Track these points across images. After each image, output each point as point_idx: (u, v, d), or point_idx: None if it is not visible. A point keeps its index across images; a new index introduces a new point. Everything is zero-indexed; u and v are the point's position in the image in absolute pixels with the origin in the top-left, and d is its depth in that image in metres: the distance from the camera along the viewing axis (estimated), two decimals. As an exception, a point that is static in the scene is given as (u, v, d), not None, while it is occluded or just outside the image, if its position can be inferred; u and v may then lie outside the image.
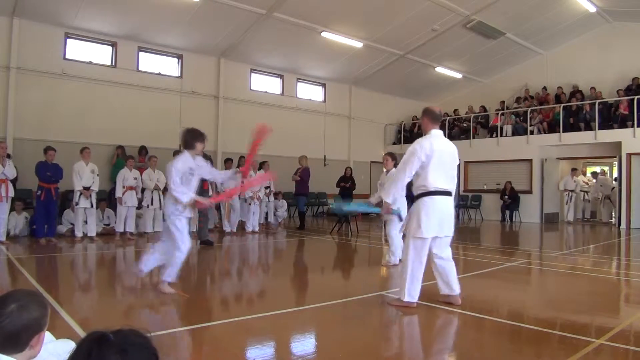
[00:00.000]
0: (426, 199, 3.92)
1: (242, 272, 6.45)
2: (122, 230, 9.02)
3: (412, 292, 3.93)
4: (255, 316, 3.95)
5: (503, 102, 16.36)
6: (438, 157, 3.92)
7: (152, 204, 9.36)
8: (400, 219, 6.83)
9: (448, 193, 4.01)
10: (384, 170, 6.98)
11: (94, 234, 8.66)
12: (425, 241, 3.93)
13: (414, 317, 4.15)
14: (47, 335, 1.58)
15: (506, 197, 14.61)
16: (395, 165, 7.03)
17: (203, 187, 7.29)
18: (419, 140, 4.02)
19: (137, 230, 9.56)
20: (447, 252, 4.14)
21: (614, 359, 3.09)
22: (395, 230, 6.38)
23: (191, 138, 4.63)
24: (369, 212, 6.86)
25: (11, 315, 1.33)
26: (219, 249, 8.44)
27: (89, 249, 7.85)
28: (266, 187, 11.28)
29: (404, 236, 4.45)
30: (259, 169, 11.16)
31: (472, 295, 4.83)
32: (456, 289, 4.11)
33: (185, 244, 4.46)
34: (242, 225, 10.71)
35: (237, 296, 4.90)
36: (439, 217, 3.93)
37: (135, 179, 9.14)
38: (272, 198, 11.57)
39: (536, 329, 3.57)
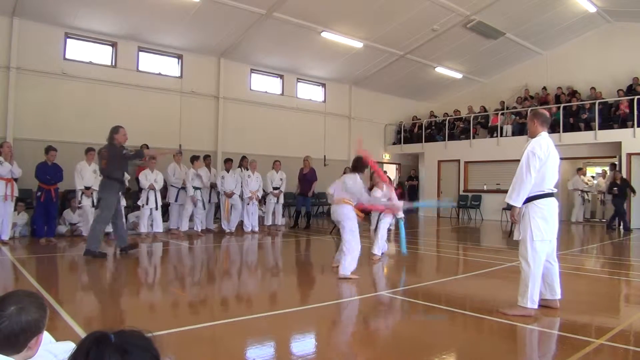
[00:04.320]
0: (543, 201, 3.91)
1: (242, 272, 6.45)
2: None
3: (534, 298, 3.84)
4: (255, 316, 3.95)
5: (503, 102, 16.36)
6: (552, 158, 3.96)
7: (147, 203, 9.30)
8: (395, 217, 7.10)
9: (554, 194, 4.03)
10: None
11: (86, 233, 8.64)
12: (546, 244, 3.91)
13: (413, 317, 4.15)
14: (46, 336, 1.57)
15: (615, 189, 11.91)
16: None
17: None
18: (534, 141, 3.99)
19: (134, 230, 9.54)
20: (554, 254, 4.10)
21: (614, 359, 3.09)
22: (386, 226, 7.27)
23: (362, 164, 5.86)
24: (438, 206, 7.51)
25: (10, 317, 1.33)
26: (218, 248, 8.44)
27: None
28: (275, 188, 11.22)
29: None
30: (272, 168, 11.41)
31: (472, 295, 4.84)
32: (559, 292, 4.07)
33: (358, 244, 5.57)
34: (240, 225, 10.70)
35: (237, 296, 4.90)
36: (555, 219, 3.95)
37: (128, 179, 9.10)
38: (282, 199, 11.49)
39: (536, 329, 3.58)
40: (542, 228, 3.85)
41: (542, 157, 3.87)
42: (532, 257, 3.84)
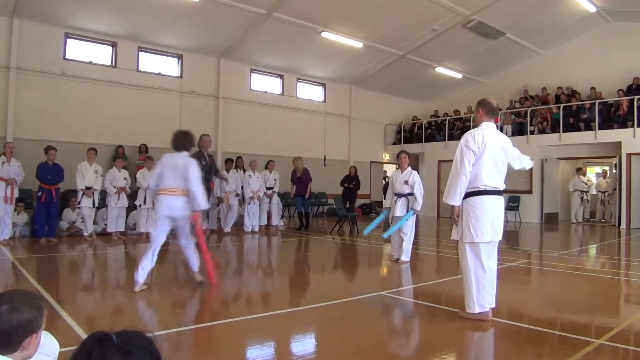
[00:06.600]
0: (476, 199, 3.61)
1: (242, 272, 6.45)
2: (113, 230, 8.95)
3: (481, 302, 3.60)
4: (255, 316, 3.95)
5: (512, 100, 16.22)
6: (490, 151, 3.61)
7: (144, 203, 9.21)
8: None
9: (499, 192, 3.69)
10: (400, 169, 6.91)
11: (86, 233, 8.65)
12: (481, 246, 3.63)
13: (414, 317, 4.15)
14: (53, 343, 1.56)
15: None
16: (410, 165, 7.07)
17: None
18: (468, 133, 3.68)
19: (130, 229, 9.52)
20: (493, 261, 3.75)
21: (614, 359, 3.09)
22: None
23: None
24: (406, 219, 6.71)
25: (2, 316, 1.32)
26: (217, 249, 8.44)
27: (87, 249, 7.84)
28: (269, 188, 11.20)
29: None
30: (265, 167, 11.36)
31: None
32: (491, 302, 3.70)
33: None
34: (240, 225, 10.69)
35: (237, 296, 4.90)
36: (490, 219, 3.61)
37: (125, 179, 9.07)
38: (275, 199, 11.45)
39: (536, 329, 3.57)
40: (473, 229, 3.57)
41: (476, 151, 3.57)
42: (466, 260, 3.64)
